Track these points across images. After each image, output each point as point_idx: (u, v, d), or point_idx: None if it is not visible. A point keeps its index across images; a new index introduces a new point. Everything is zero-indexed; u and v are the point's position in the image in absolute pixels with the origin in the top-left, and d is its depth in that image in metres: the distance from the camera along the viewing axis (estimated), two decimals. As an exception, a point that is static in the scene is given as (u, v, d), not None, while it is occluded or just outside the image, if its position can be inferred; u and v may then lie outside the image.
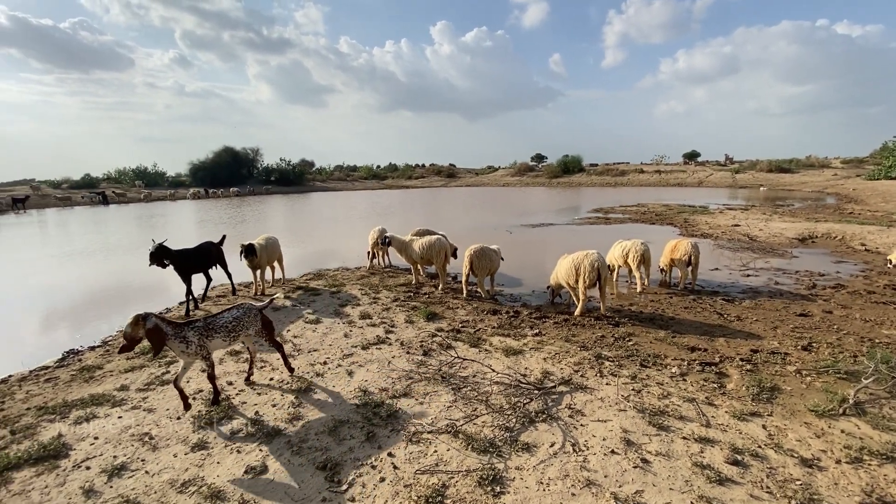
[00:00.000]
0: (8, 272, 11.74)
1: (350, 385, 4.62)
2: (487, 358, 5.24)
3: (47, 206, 36.90)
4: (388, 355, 5.36)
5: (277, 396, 4.41)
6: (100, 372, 5.18)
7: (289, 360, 4.92)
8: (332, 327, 6.42)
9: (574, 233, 16.33)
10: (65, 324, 7.58)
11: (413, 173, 73.65)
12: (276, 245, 8.88)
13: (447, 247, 8.60)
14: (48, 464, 3.45)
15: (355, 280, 9.38)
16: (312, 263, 11.50)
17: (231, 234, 18.38)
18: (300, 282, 9.41)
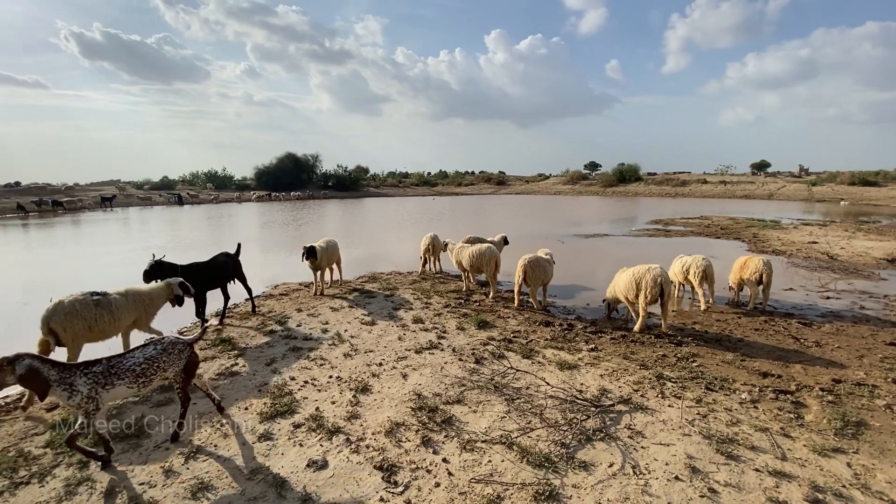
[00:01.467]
0: (91, 265, 13.04)
1: (405, 388, 4.70)
2: (541, 370, 5.16)
3: (130, 204, 40.59)
4: (440, 361, 5.41)
5: (336, 394, 4.58)
6: (177, 360, 5.61)
7: (183, 424, 3.82)
8: (387, 330, 6.58)
9: (631, 245, 15.72)
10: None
11: (463, 180, 74.22)
12: (335, 248, 9.25)
13: (497, 256, 8.57)
14: (131, 442, 3.79)
15: (407, 284, 9.56)
16: (367, 266, 11.85)
17: (293, 235, 19.40)
18: (356, 284, 9.73)
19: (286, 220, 26.70)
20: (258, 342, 6.16)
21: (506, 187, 69.64)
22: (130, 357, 3.51)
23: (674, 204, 38.70)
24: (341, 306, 7.91)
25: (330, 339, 6.20)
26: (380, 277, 10.40)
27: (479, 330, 6.57)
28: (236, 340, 6.22)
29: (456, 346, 5.88)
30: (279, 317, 7.33)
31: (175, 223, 26.74)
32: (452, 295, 8.66)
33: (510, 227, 17.81)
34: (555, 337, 6.34)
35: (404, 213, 31.89)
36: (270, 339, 6.28)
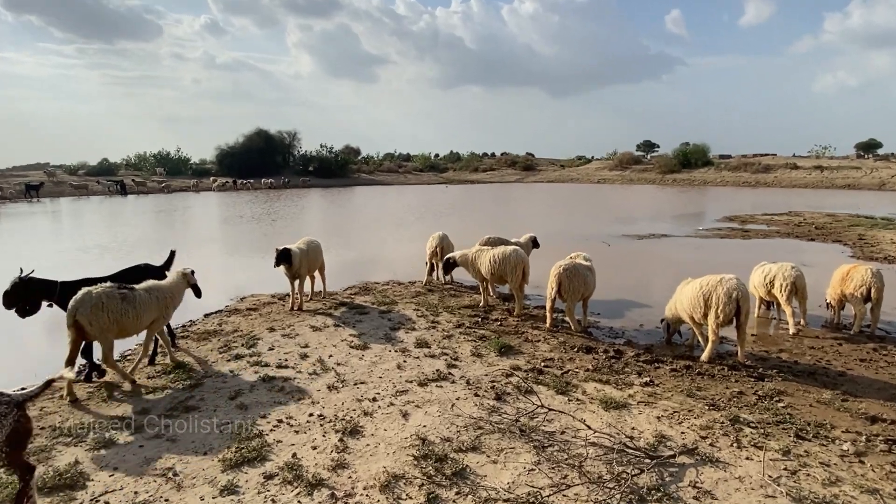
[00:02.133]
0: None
1: (405, 430, 4.72)
2: (580, 410, 5.15)
3: (62, 194, 41.43)
4: (451, 396, 5.43)
5: (318, 437, 4.61)
6: (119, 391, 5.71)
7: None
8: (383, 355, 6.62)
9: (698, 249, 15.63)
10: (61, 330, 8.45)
11: (480, 164, 74.47)
12: (318, 250, 9.35)
13: (526, 261, 8.59)
14: (63, 494, 3.85)
15: (409, 297, 9.62)
16: (357, 274, 11.94)
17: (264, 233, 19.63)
18: (343, 296, 9.81)
19: (256, 214, 27.03)
20: (221, 370, 6.23)
21: (534, 173, 69.76)
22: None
23: (753, 195, 38.38)
24: (325, 325, 7.98)
25: (311, 367, 6.26)
26: (374, 288, 10.48)
27: (501, 357, 6.58)
28: (193, 367, 6.30)
29: (471, 378, 5.89)
30: (247, 338, 7.41)
31: (116, 217, 27.20)
32: (466, 312, 8.69)
33: (540, 226, 17.81)
34: (598, 367, 6.32)
35: (405, 206, 32.09)
36: (236, 365, 6.35)
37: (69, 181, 45.40)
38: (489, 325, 7.98)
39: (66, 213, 30.43)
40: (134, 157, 60.91)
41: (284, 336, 7.49)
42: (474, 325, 7.89)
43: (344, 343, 7.15)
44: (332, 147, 65.16)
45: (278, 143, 61.92)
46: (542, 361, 6.47)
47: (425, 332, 7.53)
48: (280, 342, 7.23)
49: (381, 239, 18.46)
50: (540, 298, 9.72)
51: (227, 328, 7.94)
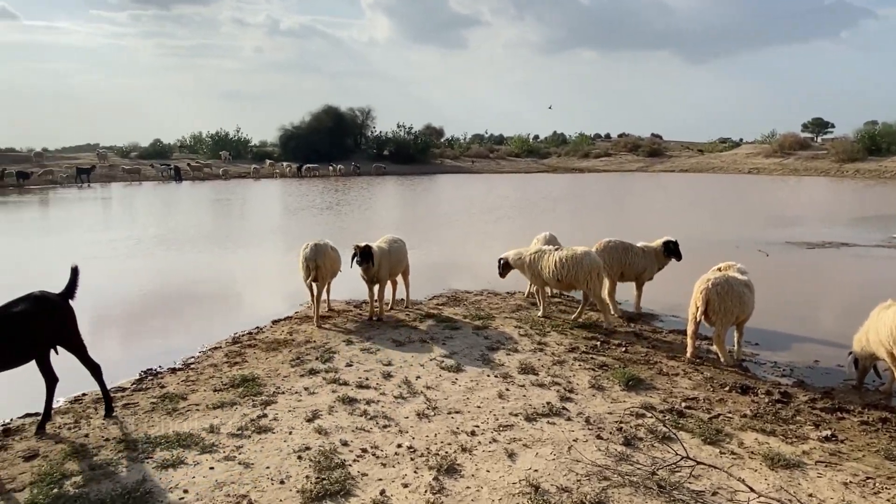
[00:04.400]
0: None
1: (512, 473, 4.75)
2: (737, 466, 4.93)
3: (114, 179, 45.57)
4: (567, 436, 5.39)
5: (409, 473, 4.75)
6: (184, 403, 6.19)
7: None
8: (480, 380, 6.70)
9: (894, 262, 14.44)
10: (128, 331, 9.53)
11: (591, 149, 73.03)
12: (401, 252, 9.63)
13: (600, 265, 8.70)
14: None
15: (508, 312, 9.66)
16: (442, 280, 12.17)
17: (338, 226, 20.47)
18: (430, 307, 10.03)
19: (325, 204, 28.27)
20: (294, 386, 6.59)
21: (662, 160, 67.47)
22: None
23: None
24: (409, 339, 8.20)
25: (396, 389, 6.45)
26: (465, 299, 10.61)
27: (628, 391, 6.45)
28: (263, 381, 6.70)
29: (591, 416, 5.81)
30: (321, 350, 7.78)
31: (171, 206, 29.50)
32: (581, 333, 8.58)
33: (672, 227, 17.26)
34: (759, 413, 6.02)
35: (499, 199, 32.21)
36: (311, 382, 6.69)
37: (121, 165, 49.72)
38: (611, 350, 7.84)
39: (119, 201, 33.41)
40: (189, 139, 65.61)
41: (363, 350, 7.78)
42: (592, 350, 7.78)
43: (433, 363, 7.30)
44: (410, 127, 66.66)
45: (349, 123, 64.23)
46: (683, 401, 6.26)
47: (531, 356, 7.53)
48: (359, 357, 7.52)
49: (470, 239, 18.63)
50: (674, 321, 9.43)
51: (299, 338, 8.37)
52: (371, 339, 8.28)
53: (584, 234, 15.09)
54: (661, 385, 6.71)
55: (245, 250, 17.39)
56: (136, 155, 57.91)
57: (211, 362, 7.57)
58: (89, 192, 37.82)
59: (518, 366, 7.12)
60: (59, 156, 54.10)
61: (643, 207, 28.91)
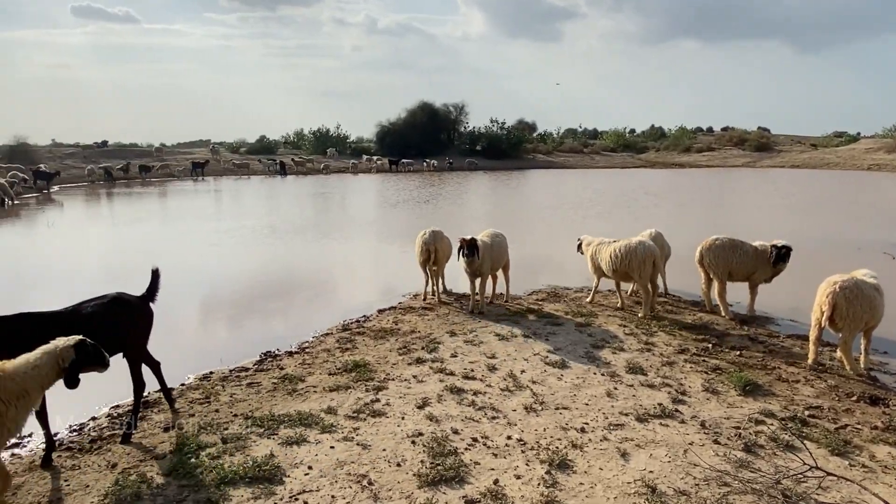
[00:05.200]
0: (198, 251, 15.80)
1: (626, 473, 4.67)
2: (868, 480, 4.62)
3: (224, 173, 48.17)
4: (681, 439, 5.24)
5: (521, 465, 4.77)
6: (302, 385, 6.50)
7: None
8: (587, 378, 6.62)
9: None
10: (244, 315, 10.12)
11: (693, 143, 69.92)
12: (503, 246, 9.67)
13: (656, 254, 8.92)
14: (263, 487, 4.49)
15: (612, 310, 9.47)
16: (539, 276, 12.09)
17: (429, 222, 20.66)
18: (530, 302, 10.00)
19: (421, 198, 28.70)
20: (402, 373, 6.76)
21: (771, 155, 63.77)
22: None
23: None
24: (512, 334, 8.21)
25: (501, 382, 6.49)
26: (565, 295, 10.51)
27: (745, 397, 6.17)
28: (373, 367, 6.92)
29: (706, 420, 5.61)
30: (426, 340, 7.94)
31: (275, 199, 30.87)
32: (690, 333, 8.29)
33: (782, 227, 16.32)
34: (891, 425, 5.60)
35: (595, 194, 31.50)
36: (418, 370, 6.84)
37: (231, 160, 52.57)
38: (724, 353, 7.52)
39: (229, 193, 35.34)
40: (292, 135, 68.47)
41: (467, 343, 7.87)
42: (703, 353, 7.50)
43: (537, 358, 7.28)
44: (503, 122, 66.45)
45: (443, 118, 64.92)
46: (806, 409, 5.92)
47: (638, 355, 7.35)
48: (463, 349, 7.61)
49: (567, 235, 18.30)
50: (792, 326, 8.93)
51: (404, 327, 8.57)
52: (474, 331, 8.35)
53: (688, 232, 14.55)
54: (781, 392, 6.37)
55: (348, 241, 17.99)
56: (245, 151, 60.96)
57: (324, 347, 7.89)
58: (203, 185, 40.22)
59: (625, 365, 6.97)
60: (175, 151, 57.90)
61: (752, 204, 27.41)
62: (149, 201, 31.09)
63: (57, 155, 45.50)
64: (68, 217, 24.88)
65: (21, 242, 18.93)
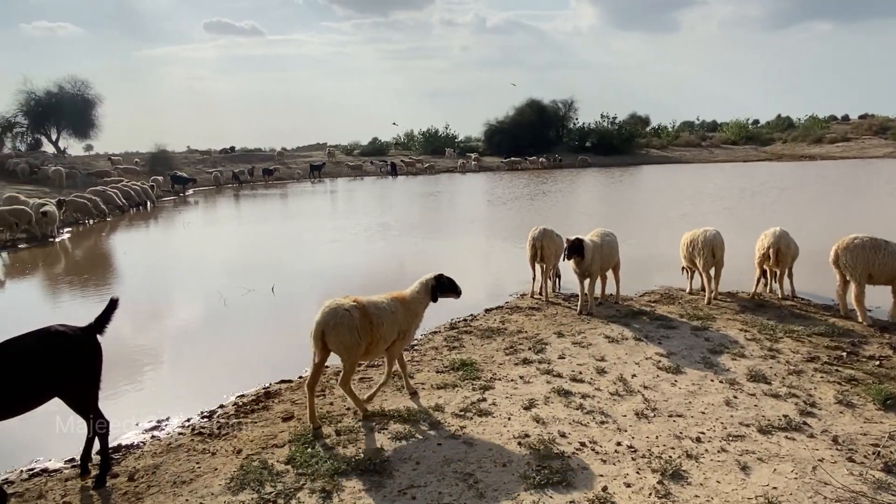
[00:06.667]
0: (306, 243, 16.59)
1: (746, 488, 4.38)
2: None
3: (340, 174, 50.10)
4: (810, 454, 4.84)
5: (631, 472, 4.61)
6: (411, 381, 6.63)
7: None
8: (703, 384, 6.29)
9: None
10: None
11: (825, 133, 64.51)
12: (613, 246, 9.40)
13: (715, 242, 9.43)
14: (374, 480, 4.63)
15: (732, 313, 8.94)
16: (650, 276, 11.66)
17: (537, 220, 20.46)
18: (641, 303, 9.65)
19: (529, 196, 28.51)
20: (509, 374, 6.74)
21: (917, 144, 57.59)
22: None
23: None
24: (622, 336, 7.95)
25: (611, 386, 6.31)
26: (679, 297, 10.04)
27: (886, 412, 5.60)
28: (480, 367, 6.95)
29: (839, 435, 5.15)
30: (533, 341, 7.86)
31: (385, 199, 31.77)
32: (822, 340, 7.65)
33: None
34: None
35: (715, 190, 29.83)
36: (525, 371, 6.79)
37: (346, 161, 54.69)
38: (861, 363, 6.86)
39: (344, 193, 36.82)
40: (403, 136, 70.15)
41: (575, 344, 7.71)
42: (836, 361, 6.89)
43: (649, 362, 7.01)
44: (614, 117, 64.49)
45: (552, 115, 64.04)
46: (958, 428, 5.30)
47: (761, 363, 6.88)
48: (571, 351, 7.47)
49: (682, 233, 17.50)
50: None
51: (511, 327, 8.53)
52: (582, 333, 8.17)
53: (821, 229, 13.49)
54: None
55: (456, 239, 18.27)
56: (358, 152, 63.09)
57: (432, 345, 8.01)
58: (320, 186, 42.17)
59: (746, 372, 6.55)
60: (295, 154, 60.85)
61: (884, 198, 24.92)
62: (272, 202, 33.05)
63: (191, 160, 49.21)
64: (202, 217, 26.96)
65: (162, 240, 20.77)
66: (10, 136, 46.35)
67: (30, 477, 4.99)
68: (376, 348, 5.73)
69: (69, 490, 4.69)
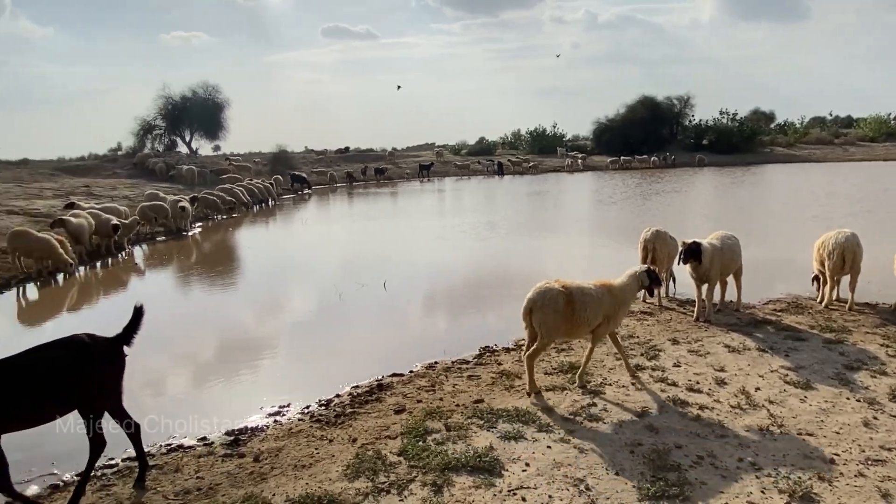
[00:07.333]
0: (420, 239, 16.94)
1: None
2: None
3: (447, 174, 50.73)
4: (965, 487, 4.36)
5: (755, 491, 4.32)
6: (519, 382, 6.61)
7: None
8: (837, 403, 5.81)
9: None
10: (465, 307, 10.81)
11: None
12: (734, 250, 8.94)
13: (845, 246, 8.82)
14: (483, 478, 4.65)
15: (871, 326, 8.22)
16: (779, 284, 10.92)
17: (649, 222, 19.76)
18: (765, 312, 9.10)
19: (640, 196, 27.64)
20: (620, 379, 6.56)
21: None
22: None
23: None
24: (744, 346, 7.52)
25: (732, 398, 5.97)
26: (809, 307, 9.34)
27: None
28: (589, 370, 6.80)
29: None
30: (645, 346, 7.60)
31: (495, 198, 31.85)
32: (979, 360, 6.87)
33: None
34: None
35: (851, 191, 27.42)
36: (636, 378, 6.58)
37: (454, 161, 55.30)
38: None
39: (451, 192, 37.31)
40: (510, 136, 69.94)
41: (691, 352, 7.37)
42: None
43: (775, 375, 6.57)
44: (734, 113, 60.89)
45: (666, 113, 61.46)
46: None
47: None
48: (687, 359, 7.15)
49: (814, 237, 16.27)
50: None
51: (621, 332, 8.27)
52: (699, 341, 7.80)
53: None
54: None
55: (563, 238, 18.07)
56: (466, 152, 63.54)
57: (539, 346, 7.95)
58: (428, 185, 42.94)
59: (889, 392, 5.97)
60: (405, 154, 62.24)
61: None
62: (383, 200, 34.10)
63: (308, 160, 51.60)
64: (318, 215, 28.31)
65: (282, 235, 22.04)
66: (150, 137, 50.55)
67: (168, 452, 5.44)
68: (578, 330, 6.22)
69: (202, 466, 5.08)
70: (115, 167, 37.70)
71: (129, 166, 37.96)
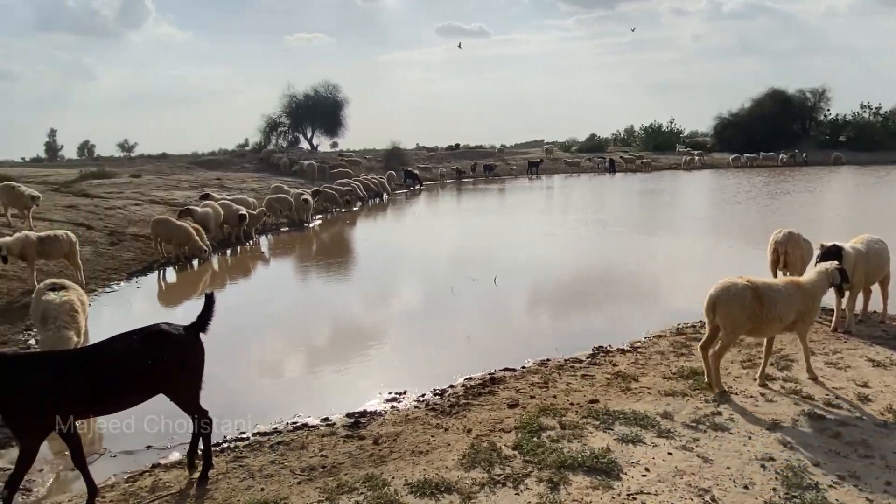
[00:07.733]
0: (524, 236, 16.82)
1: None
2: None
3: (556, 171, 50.07)
4: None
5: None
6: (636, 384, 6.40)
7: None
8: None
9: None
10: (577, 305, 10.73)
11: None
12: (883, 256, 8.22)
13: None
14: (601, 479, 4.54)
15: None
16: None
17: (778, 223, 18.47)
18: (916, 327, 8.24)
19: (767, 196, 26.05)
20: (747, 389, 6.18)
21: None
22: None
23: None
24: (890, 361, 6.86)
25: (878, 416, 5.47)
26: (970, 321, 8.38)
27: None
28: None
29: None
30: (776, 356, 7.11)
31: (606, 196, 31.06)
32: None
33: None
34: None
35: None
36: (767, 388, 6.18)
37: (563, 158, 54.47)
38: None
39: (561, 189, 36.79)
40: (622, 132, 67.93)
41: (828, 364, 6.82)
42: None
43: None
44: (877, 107, 55.62)
45: (797, 107, 57.21)
46: None
47: None
48: (823, 371, 6.61)
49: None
50: None
51: (748, 339, 7.79)
52: (838, 353, 7.19)
53: None
54: None
55: (678, 237, 17.37)
56: (576, 149, 62.46)
57: (657, 349, 7.67)
58: (537, 182, 42.60)
59: None
60: (514, 151, 62.08)
61: None
62: (492, 196, 34.23)
63: (420, 157, 52.61)
64: (429, 209, 28.85)
65: (396, 229, 22.70)
66: (276, 134, 53.48)
67: (294, 429, 5.74)
68: (768, 328, 6.06)
69: (325, 445, 5.32)
70: (243, 162, 40.34)
71: (256, 161, 40.48)
